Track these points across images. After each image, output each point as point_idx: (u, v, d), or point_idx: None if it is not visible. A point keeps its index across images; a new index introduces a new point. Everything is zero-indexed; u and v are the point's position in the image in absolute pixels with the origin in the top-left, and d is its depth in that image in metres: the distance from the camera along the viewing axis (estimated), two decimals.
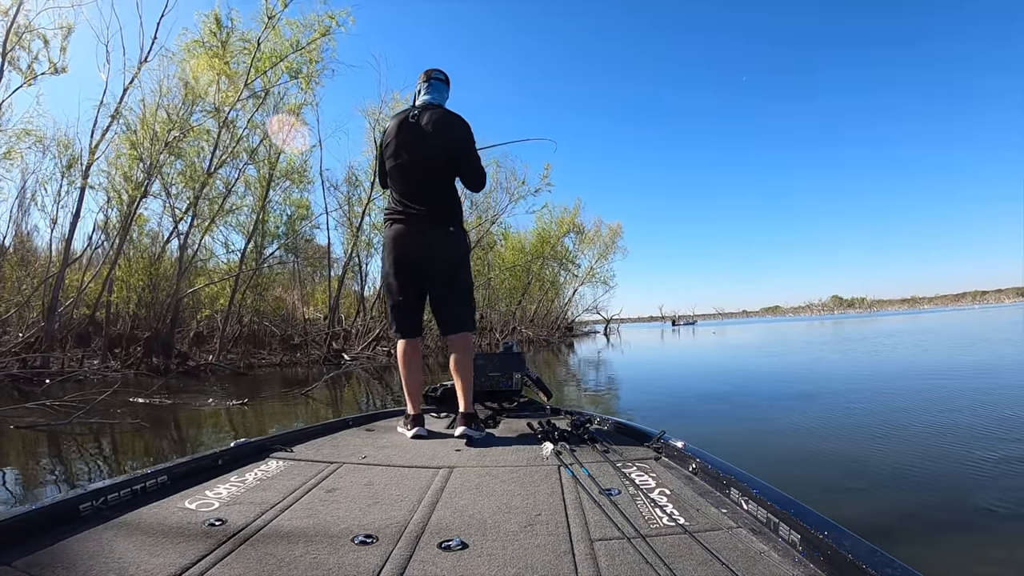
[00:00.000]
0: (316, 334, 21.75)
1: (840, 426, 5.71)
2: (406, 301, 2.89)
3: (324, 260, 24.45)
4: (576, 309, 52.27)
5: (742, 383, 10.17)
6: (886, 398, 7.19)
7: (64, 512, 1.49)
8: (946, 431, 5.17)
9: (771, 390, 8.93)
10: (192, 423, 7.37)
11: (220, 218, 18.55)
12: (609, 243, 48.26)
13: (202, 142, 16.54)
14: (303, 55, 16.54)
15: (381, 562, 1.25)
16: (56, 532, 1.40)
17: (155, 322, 16.66)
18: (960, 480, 3.83)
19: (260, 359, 19.30)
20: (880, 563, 1.06)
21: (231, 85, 15.82)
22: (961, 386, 7.80)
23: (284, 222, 21.03)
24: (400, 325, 2.91)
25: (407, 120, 2.87)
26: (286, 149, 18.85)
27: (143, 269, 16.95)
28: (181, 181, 17.04)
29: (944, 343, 16.99)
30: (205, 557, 1.27)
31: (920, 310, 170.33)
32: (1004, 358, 11.77)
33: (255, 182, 19.35)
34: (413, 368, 2.93)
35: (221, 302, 18.70)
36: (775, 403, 7.60)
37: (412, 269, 2.85)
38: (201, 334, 19.71)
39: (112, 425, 6.93)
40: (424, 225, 2.81)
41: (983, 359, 11.58)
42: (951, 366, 10.68)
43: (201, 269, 19.45)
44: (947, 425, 5.40)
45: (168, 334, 16.69)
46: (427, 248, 2.81)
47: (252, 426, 7.19)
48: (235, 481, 1.89)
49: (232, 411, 8.20)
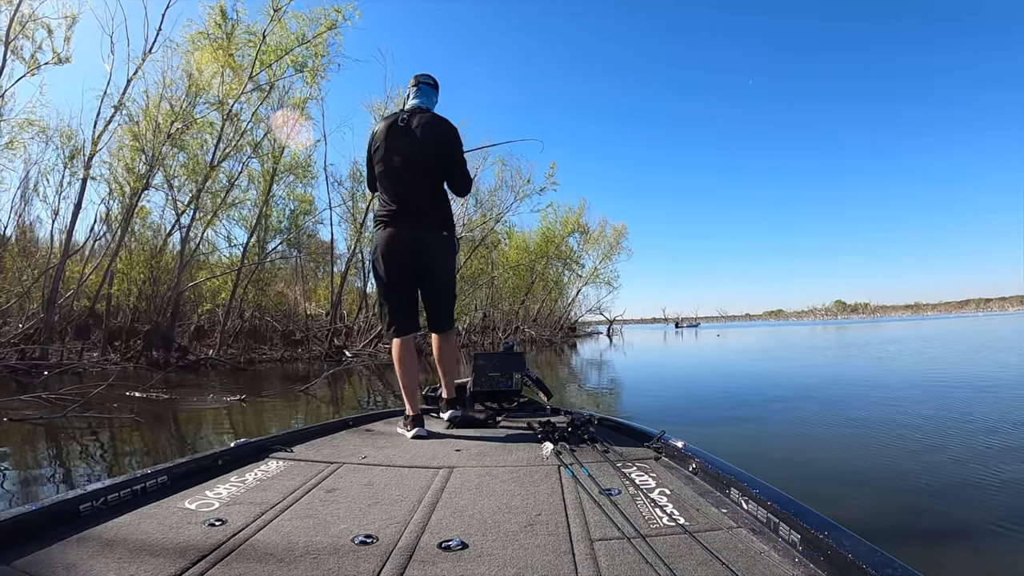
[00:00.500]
0: (318, 330, 21.69)
1: (841, 435, 5.63)
2: (400, 301, 2.97)
3: (327, 256, 24.41)
4: (579, 309, 52.24)
5: (744, 387, 10.06)
6: (889, 406, 7.04)
7: (64, 512, 1.49)
8: (949, 439, 5.09)
9: (773, 395, 8.82)
10: (189, 420, 7.26)
11: (223, 212, 18.53)
12: (614, 243, 48.18)
13: (205, 135, 16.49)
14: (308, 49, 16.47)
15: (381, 562, 1.25)
16: (56, 532, 1.40)
17: (155, 315, 16.62)
18: (959, 488, 3.81)
19: (261, 354, 19.23)
20: (880, 563, 1.06)
21: (235, 78, 15.77)
22: (970, 397, 7.67)
23: (287, 217, 20.96)
24: (394, 324, 2.97)
25: (396, 124, 2.94)
26: (290, 144, 18.80)
27: (144, 262, 16.90)
28: (184, 174, 16.97)
29: (951, 351, 16.83)
30: (205, 557, 1.27)
31: (924, 316, 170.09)
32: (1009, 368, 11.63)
33: (259, 176, 19.33)
34: (410, 368, 2.97)
35: (222, 296, 18.71)
36: (775, 408, 7.51)
37: (405, 270, 2.93)
38: (202, 328, 19.67)
39: (108, 420, 6.83)
40: (416, 227, 2.91)
41: (989, 369, 11.46)
42: (960, 376, 10.49)
43: (203, 263, 19.44)
44: (950, 434, 5.32)
45: (168, 328, 16.65)
46: (419, 250, 2.91)
47: (251, 424, 7.07)
48: (235, 481, 1.90)
49: (230, 408, 8.09)
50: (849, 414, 6.61)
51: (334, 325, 21.17)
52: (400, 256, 2.90)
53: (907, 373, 11.26)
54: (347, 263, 23.45)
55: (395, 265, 2.90)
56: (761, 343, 28.67)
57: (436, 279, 3.02)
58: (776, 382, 10.71)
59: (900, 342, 22.83)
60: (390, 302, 2.97)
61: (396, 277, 2.92)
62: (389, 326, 2.99)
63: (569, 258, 41.32)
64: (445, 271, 3.07)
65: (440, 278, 3.04)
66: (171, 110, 15.44)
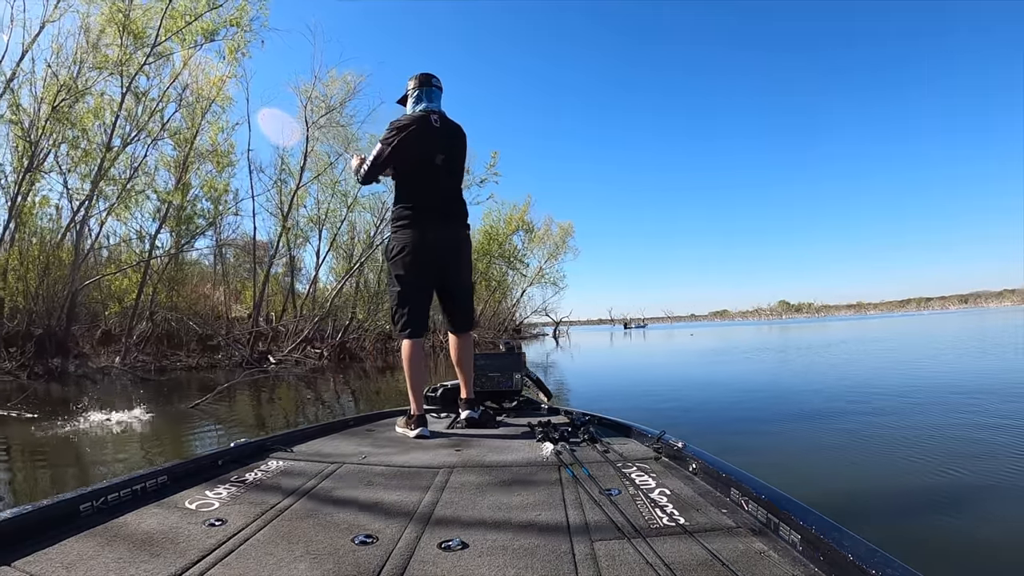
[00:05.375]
0: (240, 334, 20.36)
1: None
2: (422, 302, 3.06)
3: (249, 250, 23.06)
4: (525, 310, 52.02)
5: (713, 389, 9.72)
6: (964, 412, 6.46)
7: (64, 512, 1.52)
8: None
9: (736, 397, 8.55)
10: (35, 450, 5.80)
11: (129, 202, 16.97)
12: (560, 243, 48.23)
13: (106, 111, 14.95)
14: (221, 16, 15.23)
15: (381, 562, 1.27)
16: (56, 532, 1.42)
17: (48, 318, 15.19)
18: (958, 488, 3.76)
19: (175, 362, 17.88)
20: (880, 563, 1.06)
21: (136, 44, 14.37)
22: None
23: (202, 209, 19.33)
24: (412, 326, 3.01)
25: (430, 122, 3.01)
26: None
27: (33, 258, 15.31)
28: (75, 155, 15.25)
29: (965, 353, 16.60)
30: (205, 557, 1.29)
31: (867, 315, 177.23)
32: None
33: (173, 162, 17.88)
34: (420, 368, 3.01)
35: (132, 297, 17.22)
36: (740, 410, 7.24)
37: (432, 270, 3.02)
38: (110, 333, 18.15)
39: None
40: (455, 225, 3.09)
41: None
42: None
43: (112, 260, 17.90)
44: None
45: (64, 332, 15.28)
46: (454, 248, 3.08)
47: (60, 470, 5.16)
48: (235, 481, 1.93)
49: (91, 434, 6.52)
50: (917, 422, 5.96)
51: (256, 328, 19.83)
52: (434, 255, 2.99)
53: (960, 372, 10.81)
54: (271, 258, 22.11)
55: (428, 265, 2.99)
56: (733, 344, 27.70)
57: (464, 278, 3.19)
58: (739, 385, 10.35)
59: (882, 340, 23.22)
60: (411, 303, 3.02)
61: (424, 277, 3.02)
62: (405, 327, 3.01)
63: (513, 257, 40.69)
64: (470, 269, 3.24)
65: (467, 277, 3.22)
66: (56, 79, 13.90)
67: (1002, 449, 4.58)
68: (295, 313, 22.06)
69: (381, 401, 9.84)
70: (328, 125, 21.20)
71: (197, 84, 17.06)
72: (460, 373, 3.13)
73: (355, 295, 23.86)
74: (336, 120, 21.31)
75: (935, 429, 5.41)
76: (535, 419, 2.96)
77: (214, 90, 16.74)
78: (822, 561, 1.19)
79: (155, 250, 17.87)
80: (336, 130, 21.63)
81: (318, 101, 20.84)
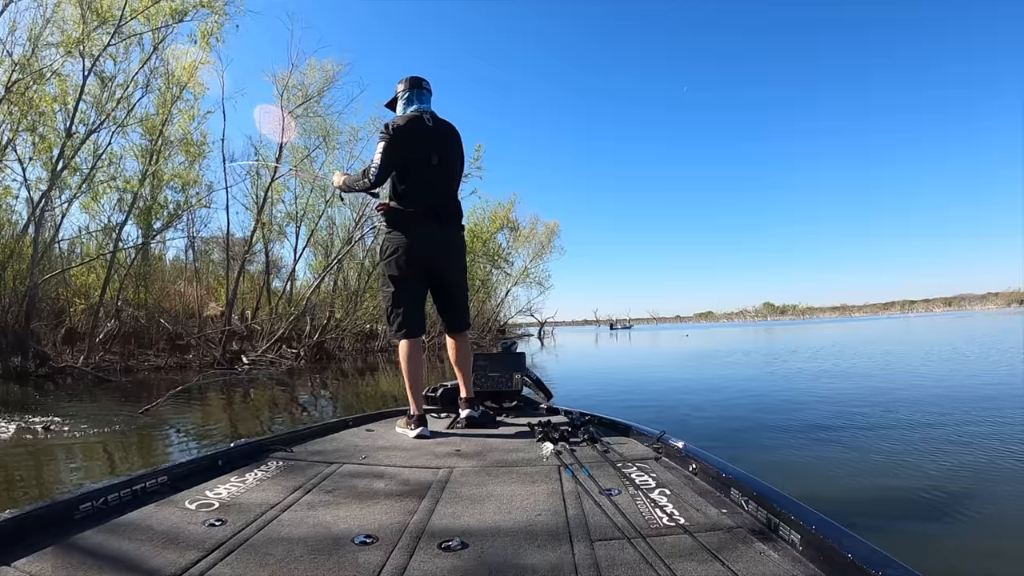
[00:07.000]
0: (213, 332, 19.69)
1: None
2: (417, 303, 3.10)
3: (222, 245, 22.37)
4: (509, 311, 51.69)
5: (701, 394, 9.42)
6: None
7: (64, 512, 1.53)
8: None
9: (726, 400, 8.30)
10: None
11: (95, 193, 16.20)
12: (545, 242, 48.10)
13: (68, 96, 14.17)
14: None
15: (381, 562, 1.28)
16: (56, 532, 1.43)
17: (5, 315, 14.55)
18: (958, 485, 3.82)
19: (143, 361, 17.30)
20: (880, 563, 1.06)
21: (98, 21, 13.63)
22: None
23: (169, 200, 18.36)
24: (408, 326, 3.03)
25: (424, 123, 3.04)
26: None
27: None
28: (33, 141, 14.36)
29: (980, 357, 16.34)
30: (205, 557, 1.29)
31: (851, 317, 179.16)
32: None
33: (141, 152, 17.12)
34: (418, 368, 3.04)
35: (97, 293, 16.52)
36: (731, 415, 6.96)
37: (428, 270, 3.06)
38: (74, 331, 17.45)
39: None
40: (448, 227, 3.11)
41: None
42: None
43: (79, 255, 17.29)
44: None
45: (23, 330, 14.63)
46: (451, 248, 3.13)
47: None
48: (235, 481, 1.94)
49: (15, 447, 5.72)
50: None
51: (228, 326, 19.16)
52: (429, 255, 3.02)
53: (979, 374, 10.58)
54: (244, 253, 21.33)
55: (422, 265, 3.01)
56: (731, 345, 27.14)
57: (460, 278, 3.22)
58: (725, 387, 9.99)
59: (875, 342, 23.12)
60: (406, 303, 3.04)
61: (420, 277, 3.05)
62: (401, 327, 3.03)
63: (498, 255, 40.26)
64: (465, 270, 3.27)
65: (463, 276, 3.25)
66: (10, 58, 13.10)
67: (1002, 449, 4.62)
68: (271, 311, 21.43)
69: (361, 405, 9.36)
70: (305, 115, 20.71)
71: (167, 70, 16.41)
72: (459, 373, 3.17)
73: (333, 293, 23.31)
74: (313, 110, 20.81)
75: (935, 429, 5.48)
76: (535, 419, 2.98)
77: (185, 75, 16.05)
78: (822, 561, 1.20)
79: (120, 243, 17.06)
80: (314, 120, 21.13)
81: (295, 90, 20.33)
